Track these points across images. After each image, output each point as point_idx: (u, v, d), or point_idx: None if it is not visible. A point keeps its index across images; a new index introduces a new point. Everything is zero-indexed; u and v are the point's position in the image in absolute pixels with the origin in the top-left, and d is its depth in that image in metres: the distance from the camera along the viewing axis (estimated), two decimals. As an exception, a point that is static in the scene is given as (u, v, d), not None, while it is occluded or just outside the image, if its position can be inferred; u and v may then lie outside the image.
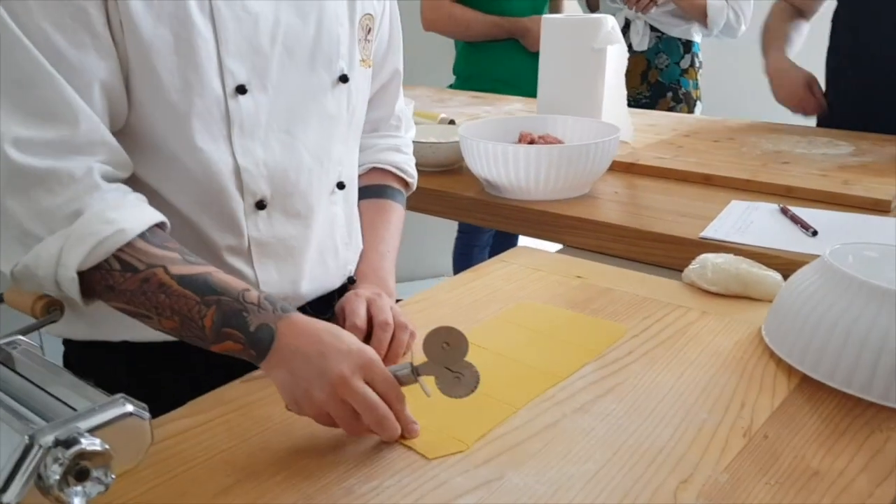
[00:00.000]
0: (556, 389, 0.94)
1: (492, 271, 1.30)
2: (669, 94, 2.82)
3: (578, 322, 1.12)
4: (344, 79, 1.07)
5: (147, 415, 0.65)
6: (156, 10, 0.89)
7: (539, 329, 1.10)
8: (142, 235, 0.86)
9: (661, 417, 0.88)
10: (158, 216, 0.89)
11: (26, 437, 0.59)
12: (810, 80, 2.16)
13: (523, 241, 2.24)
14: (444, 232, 3.19)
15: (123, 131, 0.93)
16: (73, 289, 0.85)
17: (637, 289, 1.21)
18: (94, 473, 0.59)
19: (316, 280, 1.11)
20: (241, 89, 0.96)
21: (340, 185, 1.12)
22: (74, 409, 0.64)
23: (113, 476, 0.60)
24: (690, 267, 1.22)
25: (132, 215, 0.86)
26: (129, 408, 0.64)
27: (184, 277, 0.85)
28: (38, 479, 0.58)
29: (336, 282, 1.16)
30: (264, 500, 0.76)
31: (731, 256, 1.21)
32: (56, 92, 0.84)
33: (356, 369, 0.82)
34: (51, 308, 0.89)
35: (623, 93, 1.88)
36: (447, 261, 3.21)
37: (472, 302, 1.19)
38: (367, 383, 0.82)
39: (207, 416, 0.90)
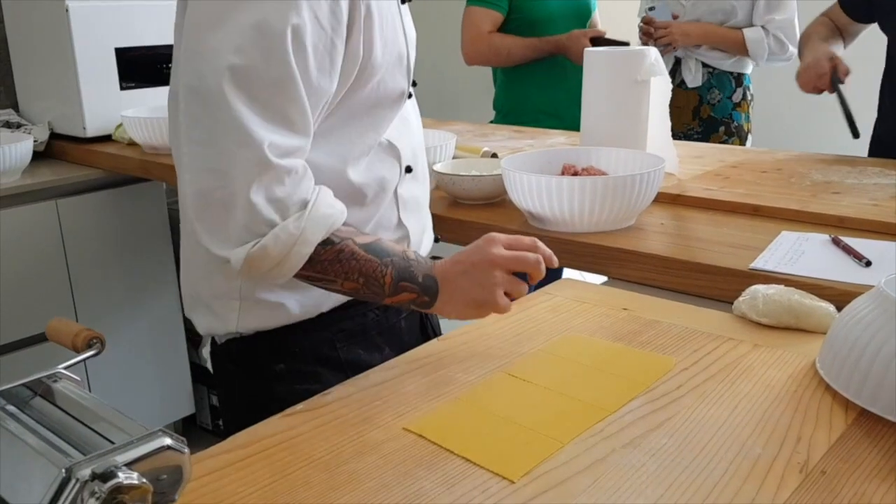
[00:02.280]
0: (604, 424, 0.91)
1: (536, 304, 1.28)
2: (721, 129, 2.79)
3: (625, 355, 1.09)
4: (414, 83, 1.30)
5: (186, 449, 0.64)
6: (384, 38, 1.14)
7: (585, 362, 1.07)
8: None
9: (714, 452, 0.85)
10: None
11: (63, 470, 0.58)
12: (829, 59, 2.08)
13: (567, 271, 2.22)
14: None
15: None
16: (300, 264, 1.05)
17: (685, 321, 1.18)
18: (132, 508, 0.58)
19: (429, 237, 1.40)
20: (414, 85, 1.28)
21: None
22: (113, 443, 0.63)
23: (151, 511, 0.59)
24: (741, 298, 1.19)
25: (338, 202, 1.10)
26: (168, 441, 0.62)
27: (366, 245, 1.09)
28: (76, 513, 0.57)
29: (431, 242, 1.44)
30: (305, 536, 0.74)
31: (782, 288, 1.18)
32: (301, 108, 1.04)
33: (493, 249, 1.09)
34: (92, 341, 0.88)
35: (667, 124, 1.85)
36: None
37: (516, 334, 1.17)
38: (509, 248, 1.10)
39: (247, 452, 0.89)
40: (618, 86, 1.82)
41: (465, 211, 1.73)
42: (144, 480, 0.59)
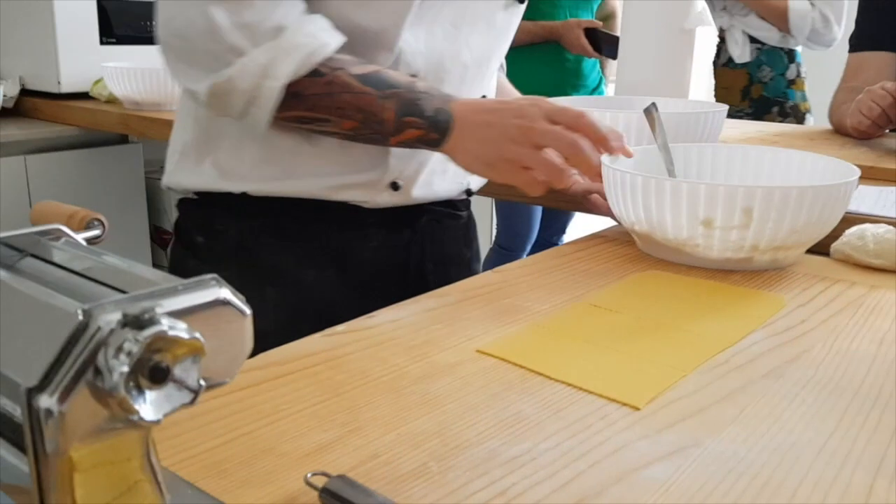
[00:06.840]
0: (726, 355, 0.74)
1: (591, 245, 1.11)
2: (775, 109, 2.56)
3: (724, 291, 0.92)
4: None
5: (247, 309, 0.45)
6: None
7: (681, 296, 0.90)
8: None
9: (879, 385, 0.67)
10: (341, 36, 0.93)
11: (79, 312, 0.38)
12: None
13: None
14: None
15: None
16: (272, 101, 0.88)
17: (778, 264, 1.02)
18: (177, 374, 0.39)
19: (430, 185, 1.08)
20: None
21: (483, 97, 1.13)
22: (142, 298, 0.44)
23: (203, 382, 0.40)
24: (843, 240, 1.03)
25: (328, 32, 0.91)
26: (225, 293, 0.43)
27: (362, 76, 0.90)
28: (95, 374, 0.38)
29: (453, 190, 1.14)
30: (382, 458, 0.55)
31: (893, 228, 1.01)
32: None
33: (536, 115, 0.89)
34: (92, 222, 0.69)
35: (710, 82, 1.70)
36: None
37: (582, 271, 0.99)
38: (552, 123, 0.89)
39: (285, 369, 0.70)
40: (661, 34, 1.66)
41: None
42: (197, 335, 0.40)
